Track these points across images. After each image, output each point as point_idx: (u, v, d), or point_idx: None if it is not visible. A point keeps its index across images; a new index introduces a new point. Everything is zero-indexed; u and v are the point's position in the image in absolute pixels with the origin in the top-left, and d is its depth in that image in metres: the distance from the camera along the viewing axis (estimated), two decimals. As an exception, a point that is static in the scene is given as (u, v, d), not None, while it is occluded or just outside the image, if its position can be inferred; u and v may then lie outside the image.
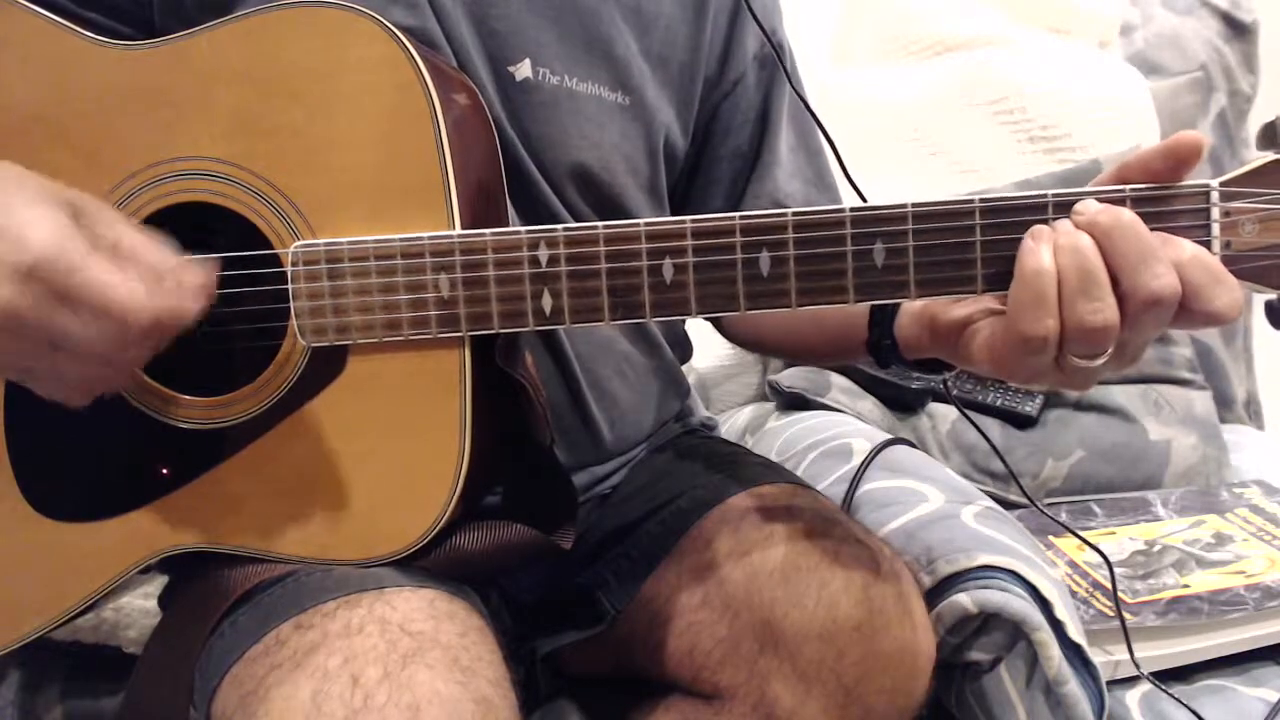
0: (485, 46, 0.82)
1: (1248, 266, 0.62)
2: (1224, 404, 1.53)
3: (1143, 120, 1.46)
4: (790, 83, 0.94)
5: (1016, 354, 0.63)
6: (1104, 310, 0.60)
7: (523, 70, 0.83)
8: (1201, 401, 1.41)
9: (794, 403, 1.42)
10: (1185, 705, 0.92)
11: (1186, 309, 0.61)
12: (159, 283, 0.61)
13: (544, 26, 0.83)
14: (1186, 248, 0.61)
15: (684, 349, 1.06)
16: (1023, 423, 1.35)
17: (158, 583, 0.89)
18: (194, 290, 0.62)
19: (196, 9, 0.75)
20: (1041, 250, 0.62)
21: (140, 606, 1.11)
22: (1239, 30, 1.62)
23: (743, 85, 0.95)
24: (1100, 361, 0.62)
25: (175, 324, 0.62)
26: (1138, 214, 0.61)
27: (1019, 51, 1.48)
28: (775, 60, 0.94)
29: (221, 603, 0.72)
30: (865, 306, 0.80)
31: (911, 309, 0.77)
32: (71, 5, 0.75)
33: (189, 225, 0.71)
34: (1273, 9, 1.68)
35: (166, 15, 0.77)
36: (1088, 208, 0.62)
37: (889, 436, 1.16)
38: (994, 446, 0.98)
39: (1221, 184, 0.63)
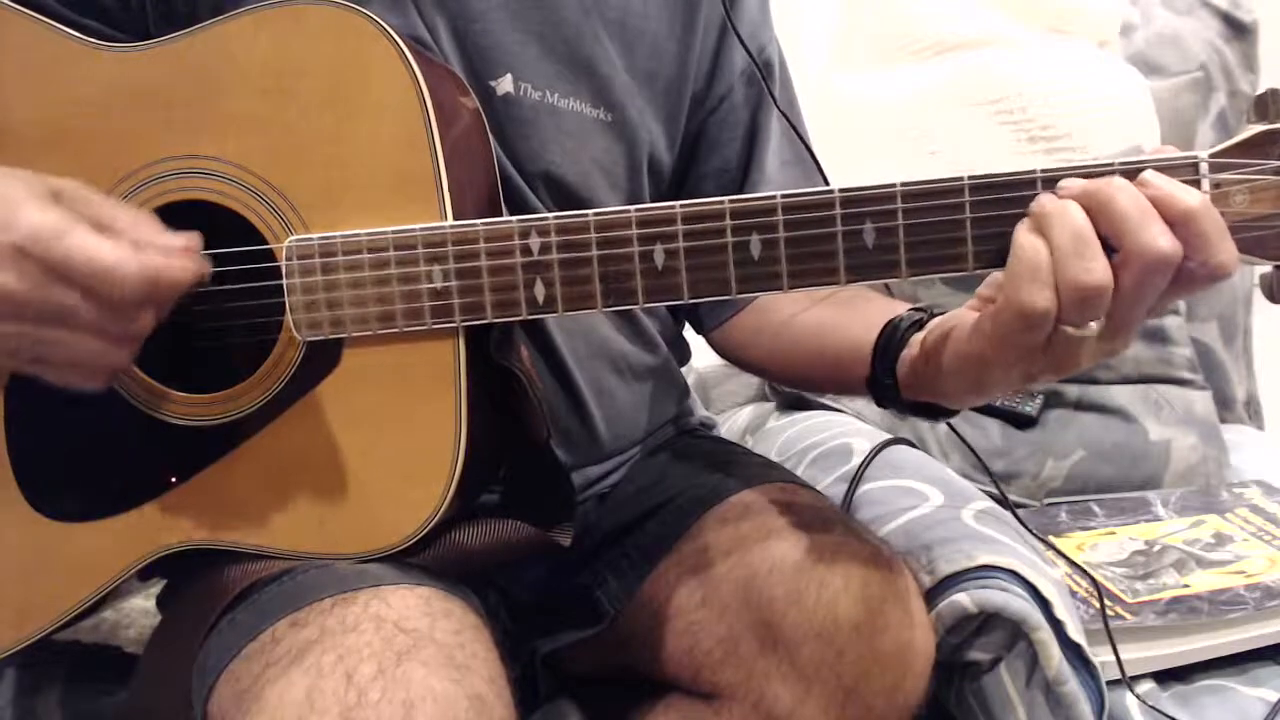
0: (467, 60, 0.82)
1: (1239, 238, 0.62)
2: (1224, 404, 1.53)
3: (1143, 120, 1.45)
4: (774, 101, 0.94)
5: (1011, 331, 0.63)
6: (1096, 270, 0.59)
7: (504, 85, 0.83)
8: (1201, 401, 1.40)
9: (794, 402, 1.42)
10: (1160, 714, 0.92)
11: (1190, 261, 0.60)
12: (144, 249, 0.61)
13: (527, 42, 0.84)
14: (1194, 195, 0.60)
15: (682, 349, 1.06)
16: (1023, 423, 1.35)
17: (157, 583, 0.89)
18: (180, 254, 0.63)
19: (188, 16, 0.75)
20: (1026, 228, 0.62)
21: (140, 606, 1.11)
22: (1239, 30, 1.62)
23: (729, 102, 0.94)
24: (1092, 330, 0.61)
25: (168, 287, 0.62)
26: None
27: (1019, 51, 1.47)
28: (765, 75, 0.94)
29: (219, 602, 0.72)
30: (871, 341, 0.79)
31: (914, 347, 0.76)
32: (67, 11, 0.76)
33: (186, 224, 0.71)
34: (1273, 9, 1.67)
35: (160, 20, 0.77)
36: (1073, 182, 0.62)
37: (889, 436, 1.16)
38: (975, 452, 0.97)
39: (1211, 155, 0.62)
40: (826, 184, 0.89)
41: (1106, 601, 0.97)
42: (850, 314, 0.85)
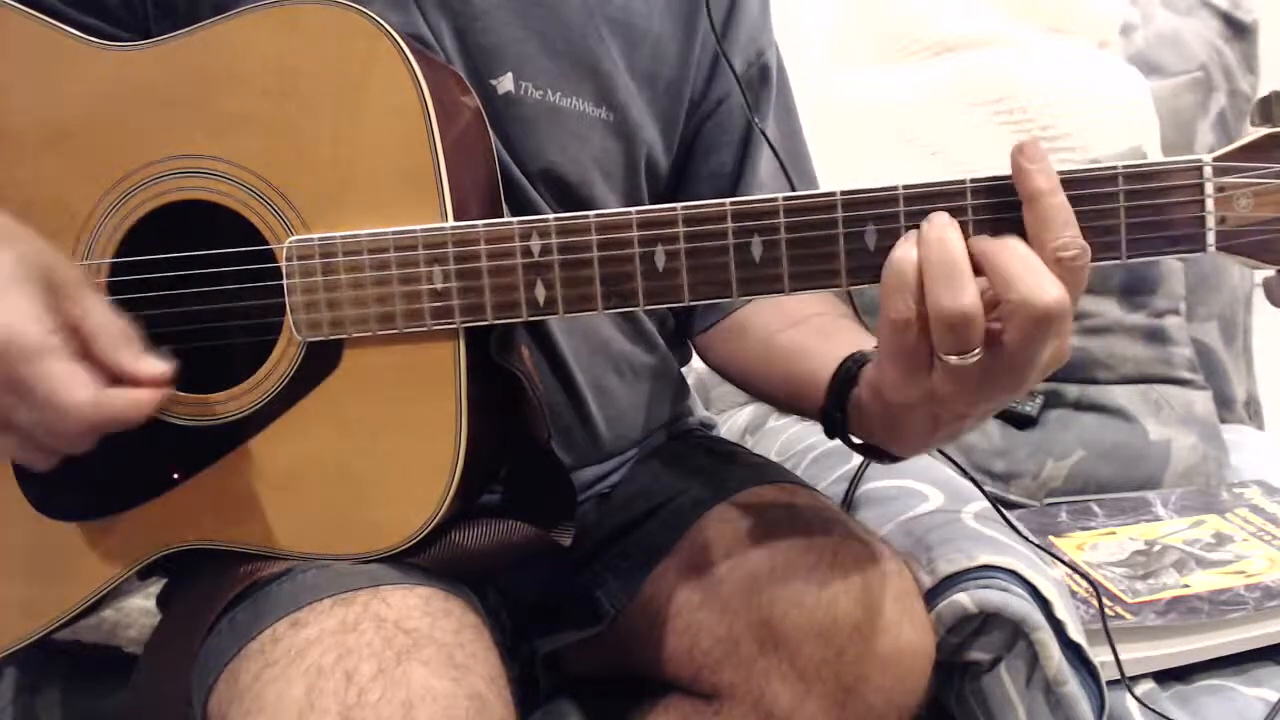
0: (468, 59, 0.82)
1: (1243, 242, 0.61)
2: (1224, 404, 1.53)
3: (1143, 120, 1.45)
4: (774, 103, 0.94)
5: (887, 345, 0.63)
6: (961, 298, 0.60)
7: (505, 83, 0.83)
8: (1201, 401, 1.40)
9: (794, 403, 1.41)
10: (1158, 715, 0.92)
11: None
12: (111, 382, 0.62)
13: (528, 40, 0.83)
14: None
15: (682, 349, 1.06)
16: (1023, 423, 1.35)
17: (157, 583, 0.89)
18: (147, 387, 0.63)
19: (188, 16, 0.75)
20: (909, 240, 0.63)
21: (140, 606, 1.11)
22: (1239, 30, 1.62)
23: (726, 105, 0.94)
24: (972, 359, 0.61)
25: (115, 425, 0.63)
26: (1132, 190, 0.62)
27: (1019, 51, 1.47)
28: (761, 81, 0.94)
29: (219, 601, 0.72)
30: (829, 373, 0.77)
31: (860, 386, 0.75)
32: (68, 10, 0.76)
33: (185, 223, 0.71)
34: (1273, 9, 1.67)
35: (161, 19, 0.77)
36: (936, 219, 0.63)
37: (889, 436, 1.16)
38: (957, 463, 0.97)
39: (1215, 159, 0.62)
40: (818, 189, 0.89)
41: (1106, 601, 0.97)
42: (821, 343, 0.84)
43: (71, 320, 0.62)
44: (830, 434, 0.77)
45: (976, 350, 0.61)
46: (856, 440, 0.76)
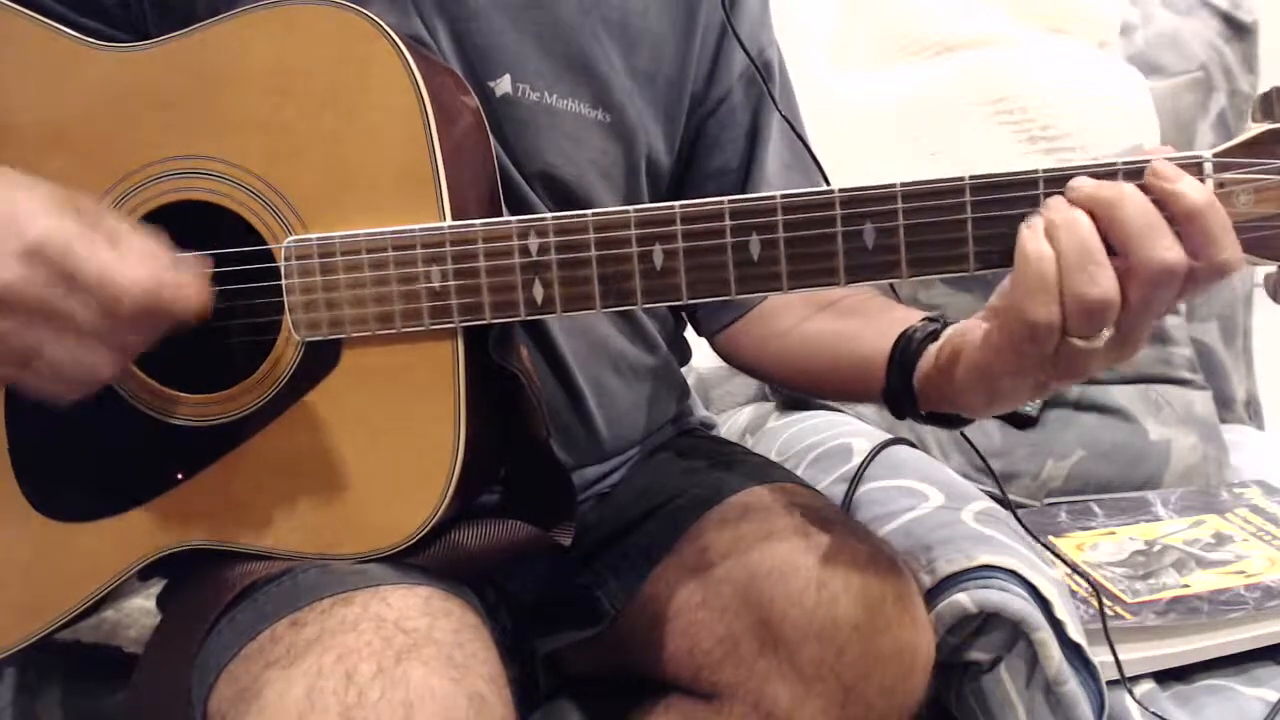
0: (466, 61, 0.82)
1: (1244, 238, 0.61)
2: (1224, 404, 1.53)
3: (1143, 120, 1.45)
4: (774, 102, 0.94)
5: (1018, 342, 0.62)
6: (1102, 283, 0.59)
7: (502, 86, 0.83)
8: (1201, 401, 1.40)
9: (794, 403, 1.42)
10: (1157, 715, 0.92)
11: (1194, 260, 0.60)
12: (156, 270, 0.61)
13: (525, 42, 0.83)
14: (1200, 192, 0.60)
15: (682, 349, 1.06)
16: (1023, 423, 1.35)
17: (157, 583, 0.89)
18: (191, 280, 0.63)
19: (185, 16, 0.75)
20: (1039, 233, 0.61)
21: (140, 606, 1.11)
22: (1239, 30, 1.62)
23: (729, 103, 0.94)
24: (1100, 342, 0.61)
25: (171, 308, 0.62)
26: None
27: (1019, 51, 1.47)
28: (765, 76, 0.94)
29: (219, 601, 0.73)
30: (885, 353, 0.78)
31: (930, 358, 0.75)
32: (66, 11, 0.76)
33: (184, 224, 0.71)
34: (1273, 9, 1.67)
35: (159, 21, 0.77)
36: (1083, 184, 0.62)
37: (889, 436, 1.16)
38: (978, 451, 0.97)
39: (1215, 155, 0.62)
40: (827, 185, 0.89)
41: (1106, 601, 0.97)
42: (861, 323, 0.84)
43: (104, 234, 0.62)
44: (898, 414, 0.78)
45: (1107, 331, 0.61)
46: (924, 412, 0.77)
